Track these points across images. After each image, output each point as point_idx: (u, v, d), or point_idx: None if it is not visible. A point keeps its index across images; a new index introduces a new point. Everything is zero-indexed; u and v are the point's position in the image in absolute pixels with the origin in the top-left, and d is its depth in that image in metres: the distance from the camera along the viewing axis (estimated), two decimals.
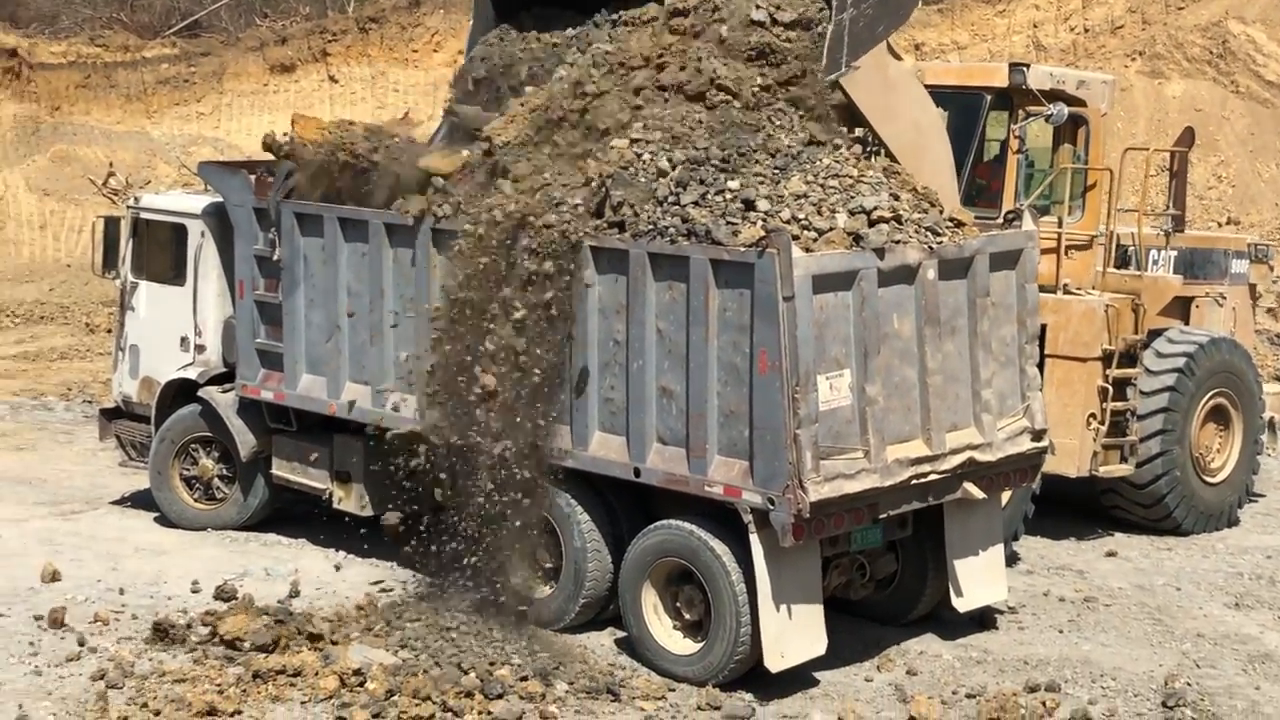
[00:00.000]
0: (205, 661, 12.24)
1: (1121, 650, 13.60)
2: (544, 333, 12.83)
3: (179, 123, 41.70)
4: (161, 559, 15.38)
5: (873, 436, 12.08)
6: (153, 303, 16.81)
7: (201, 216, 16.31)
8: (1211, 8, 44.37)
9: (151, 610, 13.61)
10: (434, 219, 13.66)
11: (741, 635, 12.03)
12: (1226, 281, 18.82)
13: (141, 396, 16.87)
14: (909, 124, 13.62)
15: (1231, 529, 17.76)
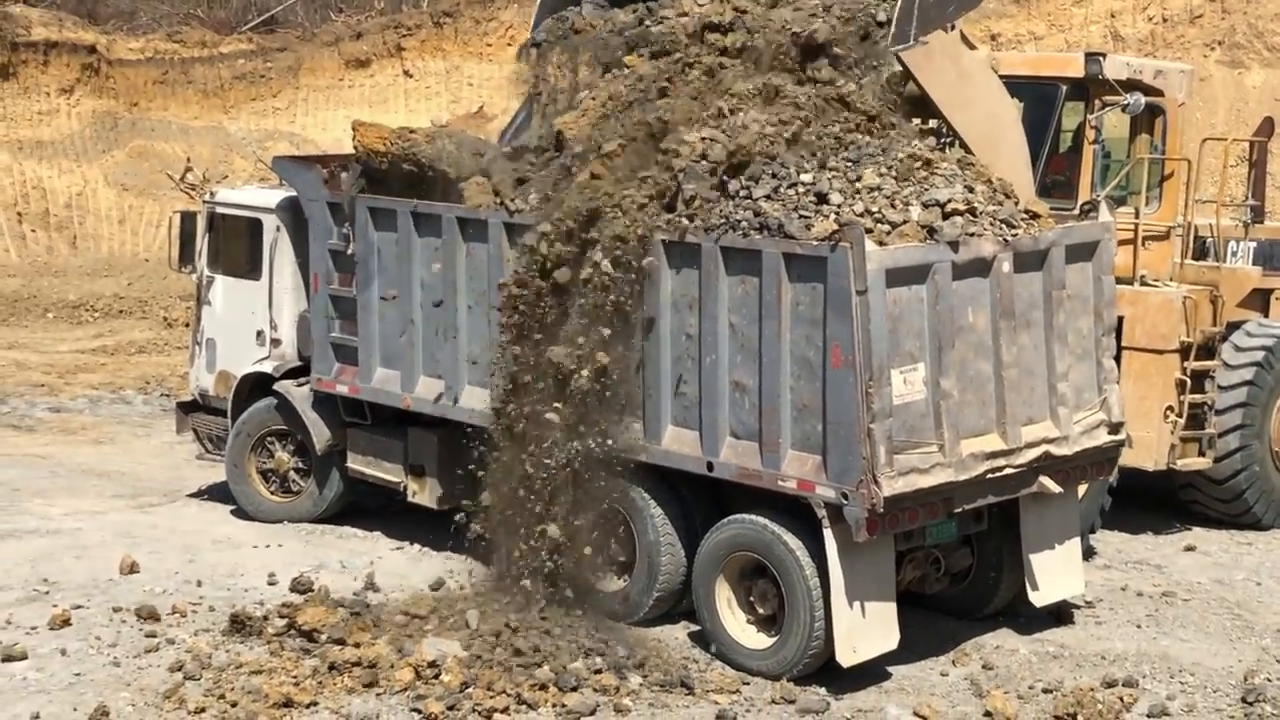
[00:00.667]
0: (281, 653, 12.33)
1: (1200, 645, 13.50)
2: (617, 328, 12.85)
3: (255, 118, 41.92)
4: (238, 551, 15.52)
5: (947, 430, 12.04)
6: (229, 297, 16.96)
7: (276, 211, 16.44)
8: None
9: (228, 602, 13.74)
10: (507, 213, 13.70)
11: (815, 630, 12.03)
12: None
13: (218, 390, 17.02)
14: (983, 114, 13.54)
15: None
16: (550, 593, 13.01)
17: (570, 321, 13.04)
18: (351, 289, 15.32)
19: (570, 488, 13.14)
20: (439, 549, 15.21)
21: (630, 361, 12.91)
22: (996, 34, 40.55)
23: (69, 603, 13.71)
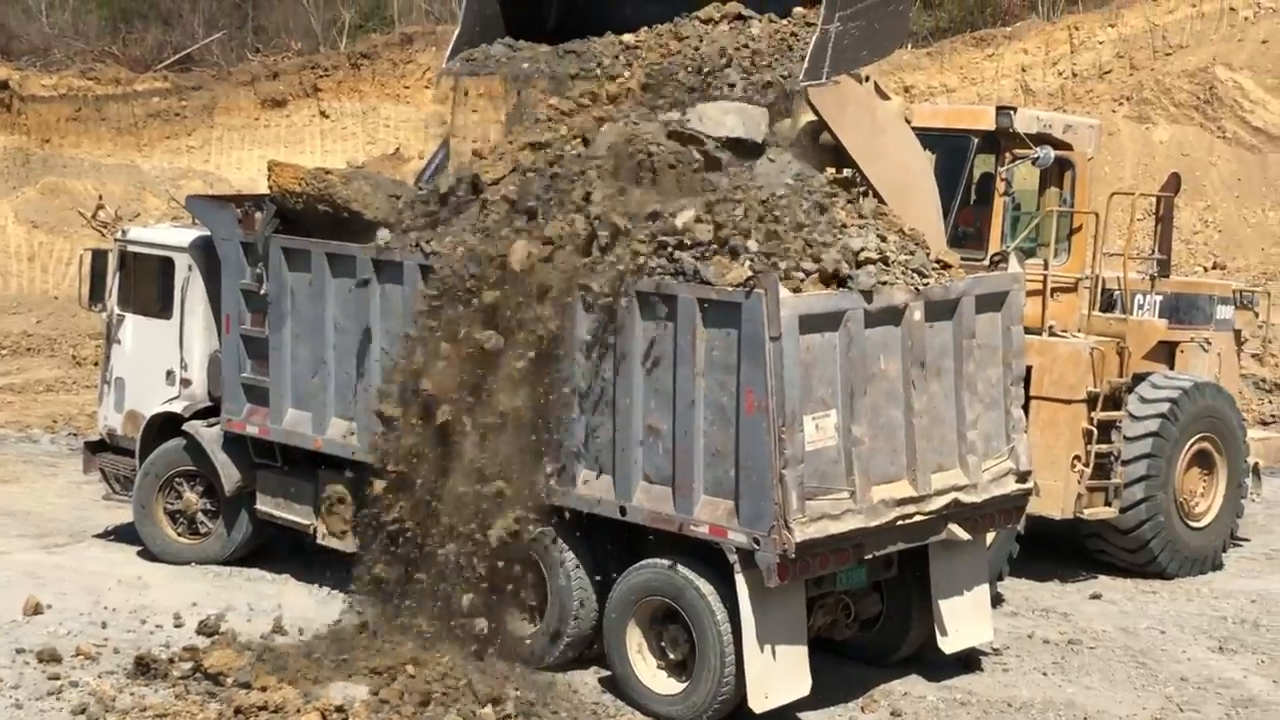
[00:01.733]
0: (187, 697, 12.14)
1: (1105, 693, 13.59)
2: (532, 371, 12.81)
3: (169, 156, 41.71)
4: (145, 593, 15.32)
5: (858, 477, 12.06)
6: (139, 336, 16.80)
7: (189, 250, 16.30)
8: (1199, 54, 44.61)
9: (134, 644, 13.55)
10: (423, 255, 13.65)
11: (726, 675, 11.99)
12: (1211, 327, 18.85)
13: (126, 430, 16.83)
14: (897, 165, 13.65)
15: (1215, 573, 17.76)
16: (460, 638, 12.90)
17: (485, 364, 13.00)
18: (264, 329, 15.20)
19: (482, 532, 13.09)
20: (349, 591, 15.09)
21: (545, 405, 12.87)
22: (910, 85, 41.03)
23: None
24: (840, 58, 12.61)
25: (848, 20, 12.65)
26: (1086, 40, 46.74)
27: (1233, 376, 19.32)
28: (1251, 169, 40.88)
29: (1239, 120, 41.91)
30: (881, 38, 13.13)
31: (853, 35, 12.70)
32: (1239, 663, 14.62)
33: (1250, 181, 40.53)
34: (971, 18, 51.52)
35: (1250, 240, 37.94)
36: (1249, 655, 14.88)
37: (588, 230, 12.59)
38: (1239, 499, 18.29)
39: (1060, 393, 16.35)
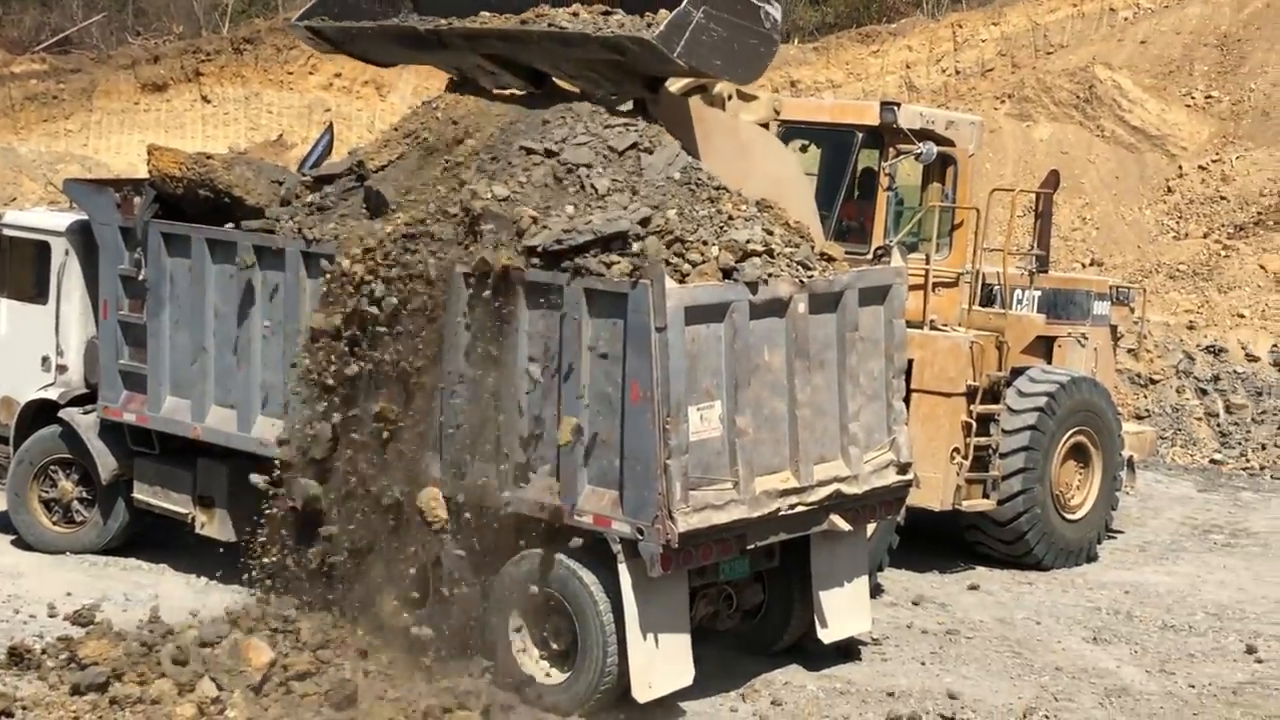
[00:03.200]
0: (60, 687, 11.97)
1: (982, 682, 13.73)
2: (417, 361, 12.76)
3: (47, 139, 41.02)
4: (18, 582, 15.08)
5: (742, 468, 12.11)
6: (14, 321, 16.52)
7: (66, 234, 16.04)
8: (1079, 53, 45.15)
9: (7, 634, 13.35)
10: (305, 242, 13.54)
11: (608, 665, 12.00)
12: (1088, 322, 19.12)
13: (0, 417, 16.55)
14: (767, 180, 13.67)
15: (1090, 565, 18.00)
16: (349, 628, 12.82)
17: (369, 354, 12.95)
18: (142, 315, 15.01)
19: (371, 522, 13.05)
20: (227, 582, 14.95)
21: (431, 394, 12.80)
22: (796, 80, 41.22)
23: None
24: (694, 48, 12.53)
25: (710, 17, 12.62)
26: (969, 38, 47.20)
27: (1109, 371, 19.62)
28: (1129, 167, 41.41)
29: (1117, 119, 42.43)
30: (737, 61, 13.07)
31: (711, 35, 12.67)
32: (1112, 653, 14.84)
33: (1127, 180, 41.05)
34: (857, 14, 51.90)
35: (1127, 238, 38.41)
36: (1122, 645, 15.10)
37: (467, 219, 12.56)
38: (1114, 492, 18.55)
39: (940, 386, 16.49)
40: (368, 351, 12.94)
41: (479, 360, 12.50)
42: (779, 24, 13.28)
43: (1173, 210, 39.44)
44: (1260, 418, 25.58)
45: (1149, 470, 22.55)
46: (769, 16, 13.10)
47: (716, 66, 13.05)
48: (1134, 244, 37.68)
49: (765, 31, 13.13)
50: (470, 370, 12.56)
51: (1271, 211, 37.14)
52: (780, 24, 13.35)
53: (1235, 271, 32.98)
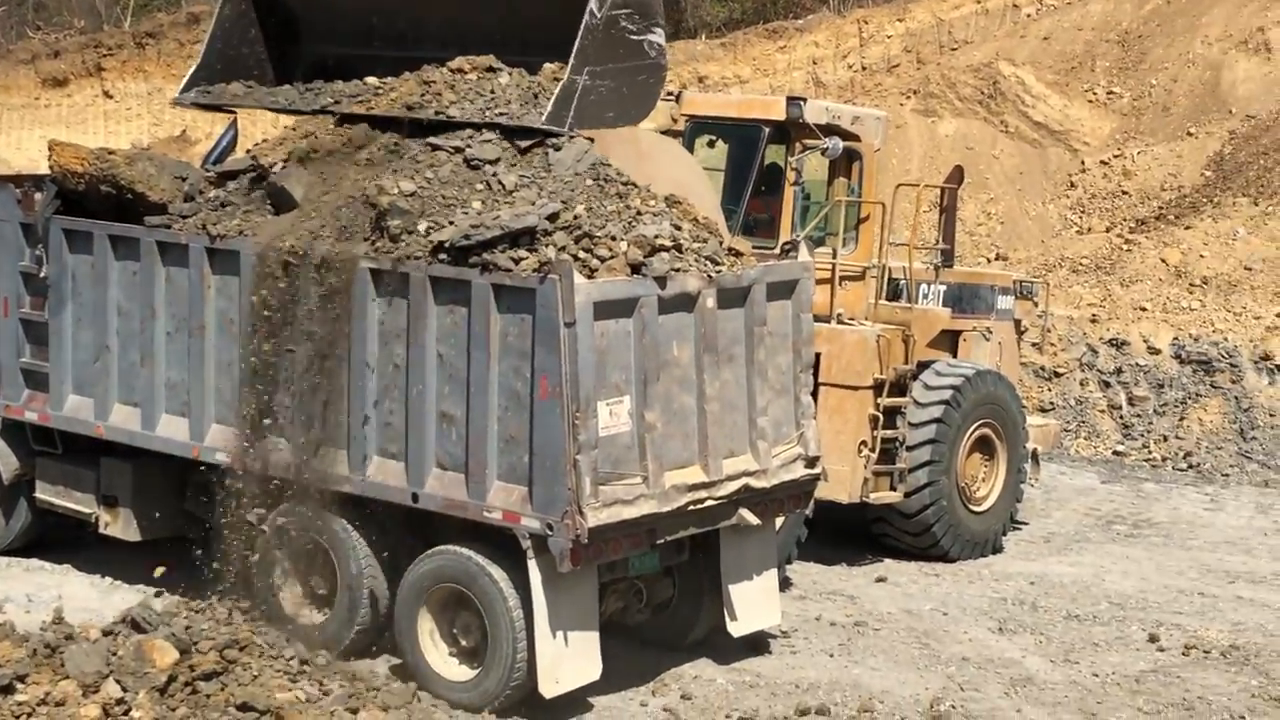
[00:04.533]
0: None
1: (890, 674, 13.82)
2: (323, 356, 12.71)
3: None
4: None
5: (651, 463, 12.13)
6: None
7: None
8: (983, 49, 45.59)
9: None
10: (209, 239, 13.46)
11: (518, 661, 11.98)
12: (993, 316, 19.29)
13: None
14: (669, 183, 13.68)
15: (996, 556, 18.18)
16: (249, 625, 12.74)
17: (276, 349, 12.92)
18: (43, 313, 14.85)
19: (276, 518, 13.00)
20: (132, 581, 14.83)
21: (334, 391, 12.76)
22: (704, 76, 41.32)
23: None
24: (585, 113, 12.65)
25: (596, 76, 12.70)
26: (875, 34, 47.53)
27: (1013, 364, 19.80)
28: (1032, 163, 41.86)
29: (1021, 115, 42.88)
30: (629, 104, 13.13)
31: (600, 93, 12.74)
32: (1018, 643, 14.97)
33: (1031, 175, 41.50)
34: (764, 10, 52.10)
35: (1031, 233, 38.83)
36: (1027, 635, 15.25)
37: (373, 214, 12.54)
38: (1018, 484, 18.73)
39: (848, 379, 16.59)
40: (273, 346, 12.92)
41: (385, 356, 12.49)
42: (664, 48, 13.31)
43: (1075, 205, 39.93)
44: (1162, 410, 25.89)
45: (1053, 462, 22.79)
46: (653, 45, 13.15)
47: (609, 119, 13.09)
48: (1037, 238, 38.11)
49: (652, 62, 13.18)
50: (375, 366, 12.55)
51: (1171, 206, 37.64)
52: (665, 49, 13.37)
53: (1137, 265, 33.36)
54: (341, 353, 12.67)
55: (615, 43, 12.91)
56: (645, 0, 13.05)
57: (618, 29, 12.89)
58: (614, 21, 12.86)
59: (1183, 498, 22.18)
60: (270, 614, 13.05)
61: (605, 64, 12.84)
